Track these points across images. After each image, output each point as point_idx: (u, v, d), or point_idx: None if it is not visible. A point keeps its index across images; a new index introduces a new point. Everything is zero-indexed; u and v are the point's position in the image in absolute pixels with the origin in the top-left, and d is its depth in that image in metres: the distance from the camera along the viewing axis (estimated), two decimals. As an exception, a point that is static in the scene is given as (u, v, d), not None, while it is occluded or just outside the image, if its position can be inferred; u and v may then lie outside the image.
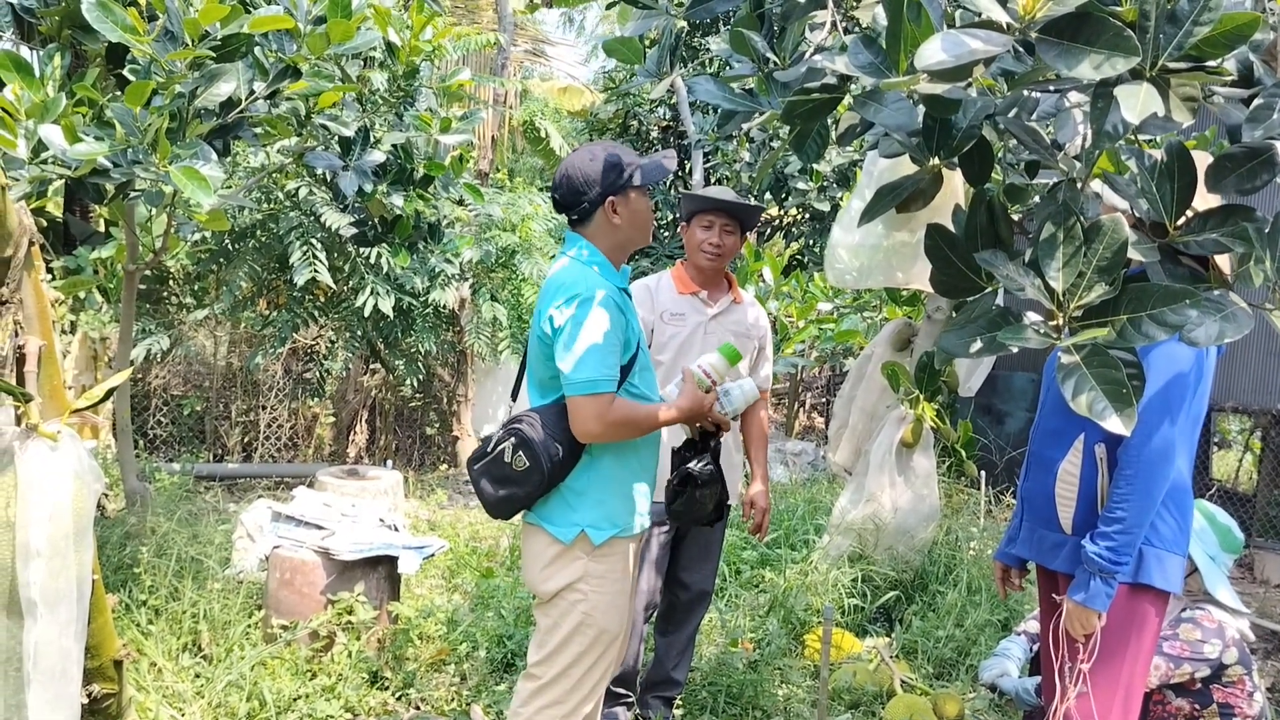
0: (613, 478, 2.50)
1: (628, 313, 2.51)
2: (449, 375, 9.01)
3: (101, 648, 2.61)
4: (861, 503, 5.04)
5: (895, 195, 2.22)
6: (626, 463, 2.53)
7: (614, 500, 2.50)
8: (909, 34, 1.64)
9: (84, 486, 2.35)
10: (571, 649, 2.48)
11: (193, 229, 5.46)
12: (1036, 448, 2.64)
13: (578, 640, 2.47)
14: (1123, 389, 1.53)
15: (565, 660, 2.48)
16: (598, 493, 2.48)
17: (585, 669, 2.49)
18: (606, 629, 2.50)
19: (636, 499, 2.56)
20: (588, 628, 2.47)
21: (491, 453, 2.46)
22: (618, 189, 2.50)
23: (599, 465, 2.48)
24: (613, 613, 2.51)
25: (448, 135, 4.98)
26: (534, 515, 2.52)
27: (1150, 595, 2.44)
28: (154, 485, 5.48)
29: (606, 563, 2.50)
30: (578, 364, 2.34)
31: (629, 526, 2.54)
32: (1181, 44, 1.45)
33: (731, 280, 3.56)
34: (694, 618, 3.56)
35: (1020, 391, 9.03)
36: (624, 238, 2.56)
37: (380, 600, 3.83)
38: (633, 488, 2.55)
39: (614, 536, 2.50)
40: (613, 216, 2.51)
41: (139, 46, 2.98)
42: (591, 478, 2.48)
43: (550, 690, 2.49)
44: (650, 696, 3.54)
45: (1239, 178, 1.66)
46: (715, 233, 3.36)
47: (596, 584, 2.48)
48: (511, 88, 11.35)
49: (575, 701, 2.50)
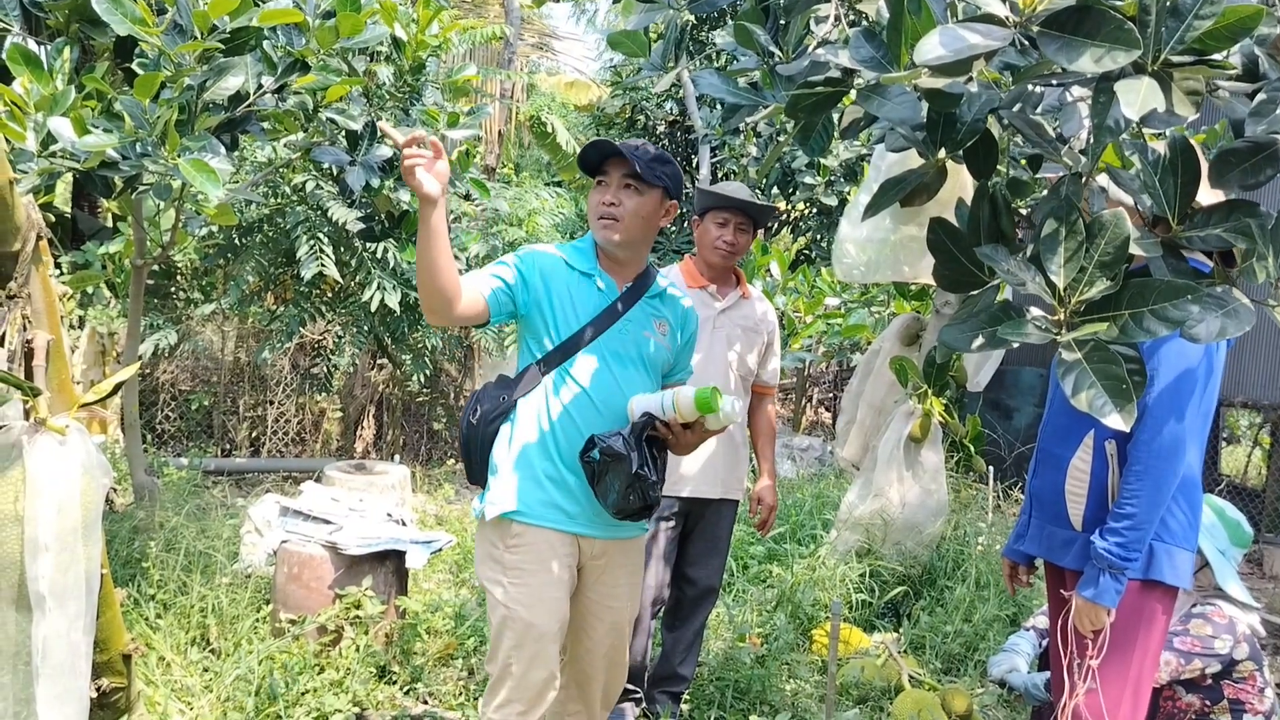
0: (521, 457, 2.43)
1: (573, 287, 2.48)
2: (456, 370, 9.02)
3: (110, 642, 2.63)
4: (869, 498, 5.04)
5: (899, 189, 2.21)
6: (545, 446, 2.42)
7: (524, 483, 2.41)
8: (910, 27, 1.64)
9: (92, 481, 2.35)
10: (503, 646, 2.40)
11: (200, 223, 5.47)
12: (1046, 444, 2.63)
13: (506, 637, 2.40)
14: (1123, 385, 1.53)
15: (501, 658, 2.41)
16: (509, 469, 2.42)
17: (524, 667, 2.38)
18: (532, 624, 2.38)
19: (551, 487, 2.42)
20: (512, 622, 2.38)
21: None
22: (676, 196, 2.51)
23: (517, 443, 2.44)
24: (538, 608, 2.39)
25: (454, 130, 4.98)
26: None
27: (1159, 591, 2.43)
28: (162, 480, 5.51)
29: (520, 554, 2.40)
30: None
31: (533, 514, 2.40)
32: (1184, 37, 1.44)
33: (740, 275, 3.56)
34: (700, 613, 3.55)
35: (1028, 386, 9.00)
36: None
37: (388, 595, 3.84)
38: (546, 473, 2.42)
39: (511, 520, 2.40)
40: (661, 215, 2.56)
41: (148, 39, 3.00)
42: (505, 454, 2.44)
43: (499, 689, 2.42)
44: (657, 692, 3.54)
45: (1242, 173, 1.66)
46: (730, 230, 3.36)
47: (514, 575, 2.39)
48: (518, 82, 11.36)
49: (526, 700, 2.40)
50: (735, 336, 3.45)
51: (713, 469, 3.40)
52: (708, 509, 3.44)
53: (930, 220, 1.91)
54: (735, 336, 3.45)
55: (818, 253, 10.35)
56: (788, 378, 11.30)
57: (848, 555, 4.84)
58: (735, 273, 3.55)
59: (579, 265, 2.51)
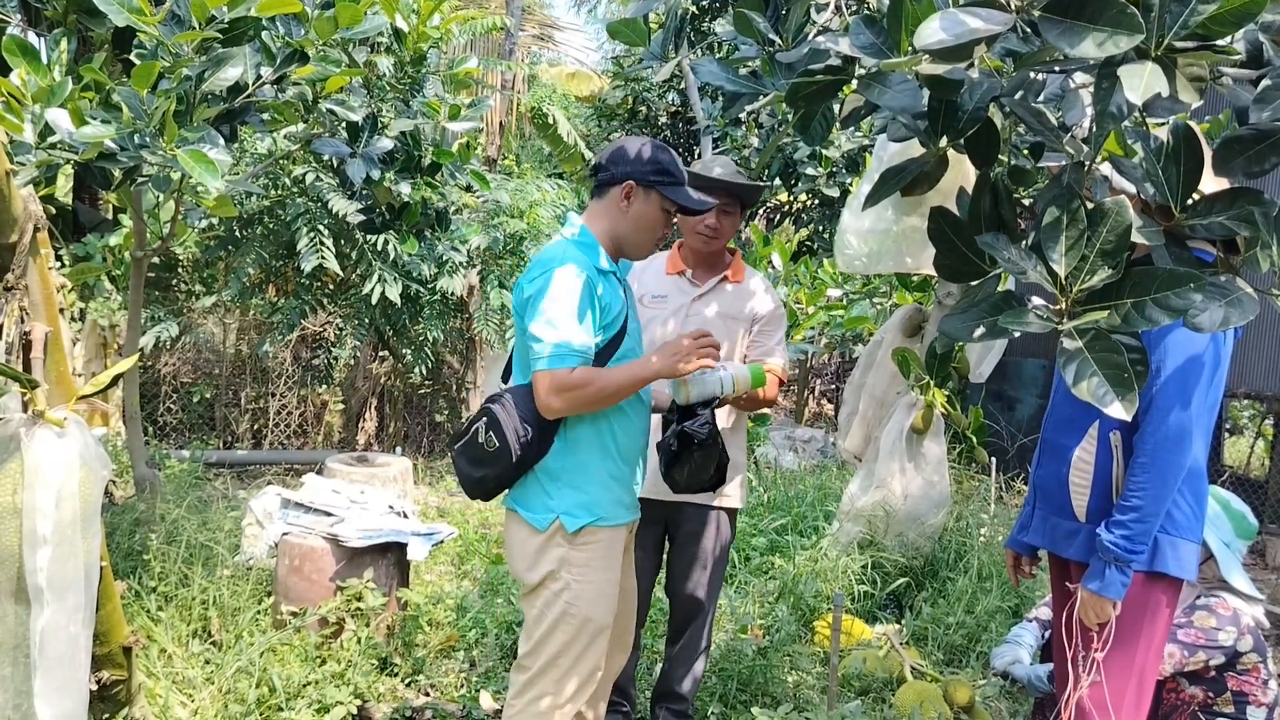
0: (589, 463, 2.44)
1: (610, 294, 2.44)
2: (458, 362, 9.02)
3: (110, 634, 2.62)
4: (872, 489, 5.03)
5: (900, 178, 2.20)
6: (605, 447, 2.46)
7: (592, 486, 2.44)
8: (910, 13, 1.62)
9: (91, 473, 2.35)
10: (556, 639, 2.43)
11: (200, 215, 5.47)
12: (1050, 435, 2.61)
13: (562, 630, 2.42)
14: (1125, 374, 1.51)
15: (551, 651, 2.43)
16: (573, 477, 2.42)
17: (573, 659, 2.44)
18: (591, 618, 2.43)
19: (616, 487, 2.49)
20: (571, 618, 2.42)
21: (468, 432, 2.44)
22: (646, 182, 2.46)
23: (575, 449, 2.42)
24: (599, 602, 2.45)
25: (455, 122, 4.97)
26: (511, 500, 2.49)
27: (1164, 583, 2.42)
28: (163, 472, 5.51)
29: (588, 551, 2.44)
30: (543, 338, 2.30)
31: (609, 516, 2.47)
32: (1187, 22, 1.42)
33: (736, 256, 3.36)
34: (689, 628, 3.32)
35: (1031, 378, 8.99)
36: (623, 231, 2.50)
37: (389, 587, 3.84)
38: (611, 474, 2.48)
39: (591, 525, 2.44)
40: (622, 201, 2.47)
41: (146, 29, 2.98)
42: (566, 461, 2.42)
43: (539, 682, 2.45)
44: (660, 707, 3.38)
45: (1246, 160, 1.64)
46: (712, 214, 3.12)
47: (579, 572, 2.42)
48: (519, 73, 11.32)
49: (567, 693, 2.44)
50: (711, 324, 3.20)
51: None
52: (690, 516, 3.24)
53: (931, 210, 1.89)
54: (711, 324, 3.20)
55: (819, 244, 10.33)
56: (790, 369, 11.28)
57: (850, 547, 4.83)
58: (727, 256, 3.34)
59: (604, 265, 2.49)
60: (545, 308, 2.31)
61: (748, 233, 9.99)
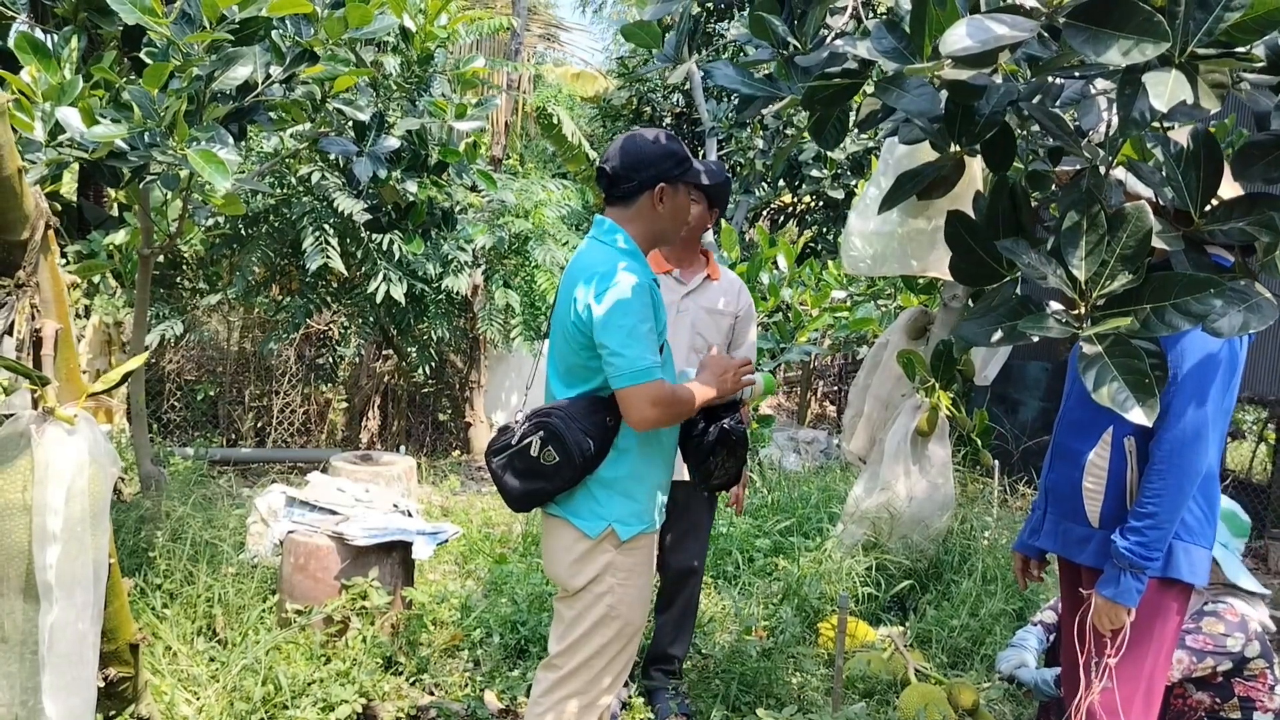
0: (639, 472, 2.47)
1: (657, 302, 2.46)
2: (462, 362, 9.01)
3: (118, 631, 2.62)
4: (876, 491, 5.02)
5: (917, 182, 2.20)
6: (652, 456, 2.50)
7: (641, 494, 2.48)
8: (934, 18, 1.62)
9: (100, 470, 2.35)
10: (595, 641, 2.46)
11: (207, 213, 5.47)
12: (1062, 439, 2.61)
13: (602, 632, 2.46)
14: (1145, 379, 1.51)
15: (588, 651, 2.47)
16: (625, 485, 2.45)
17: (607, 660, 2.48)
18: (631, 621, 2.49)
19: (659, 494, 2.54)
20: (613, 620, 2.46)
21: (517, 445, 2.40)
22: (673, 178, 2.47)
23: (627, 458, 2.44)
24: (638, 606, 2.51)
25: (462, 122, 4.97)
26: (559, 508, 2.48)
27: (1176, 589, 2.41)
28: (168, 470, 5.51)
29: (634, 556, 2.48)
30: (625, 352, 2.28)
31: (654, 522, 2.53)
32: (1212, 29, 1.42)
33: (708, 256, 3.53)
34: (682, 594, 3.60)
35: (1034, 381, 8.98)
36: (660, 229, 2.52)
37: (394, 585, 3.84)
38: (657, 481, 2.53)
39: (642, 532, 2.48)
40: (658, 204, 2.47)
41: (157, 29, 2.98)
42: (619, 471, 2.44)
43: (572, 681, 2.48)
44: (653, 669, 3.64)
45: (1266, 166, 1.64)
46: (702, 208, 3.30)
47: (624, 577, 2.46)
48: (525, 73, 11.31)
49: (596, 692, 2.49)
50: (700, 319, 3.45)
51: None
52: (685, 493, 3.40)
53: (948, 213, 1.89)
54: (700, 319, 3.45)
55: (824, 245, 10.33)
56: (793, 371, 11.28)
57: (854, 549, 4.83)
58: (704, 254, 3.52)
59: (650, 274, 2.49)
60: (622, 322, 2.29)
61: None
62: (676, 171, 2.47)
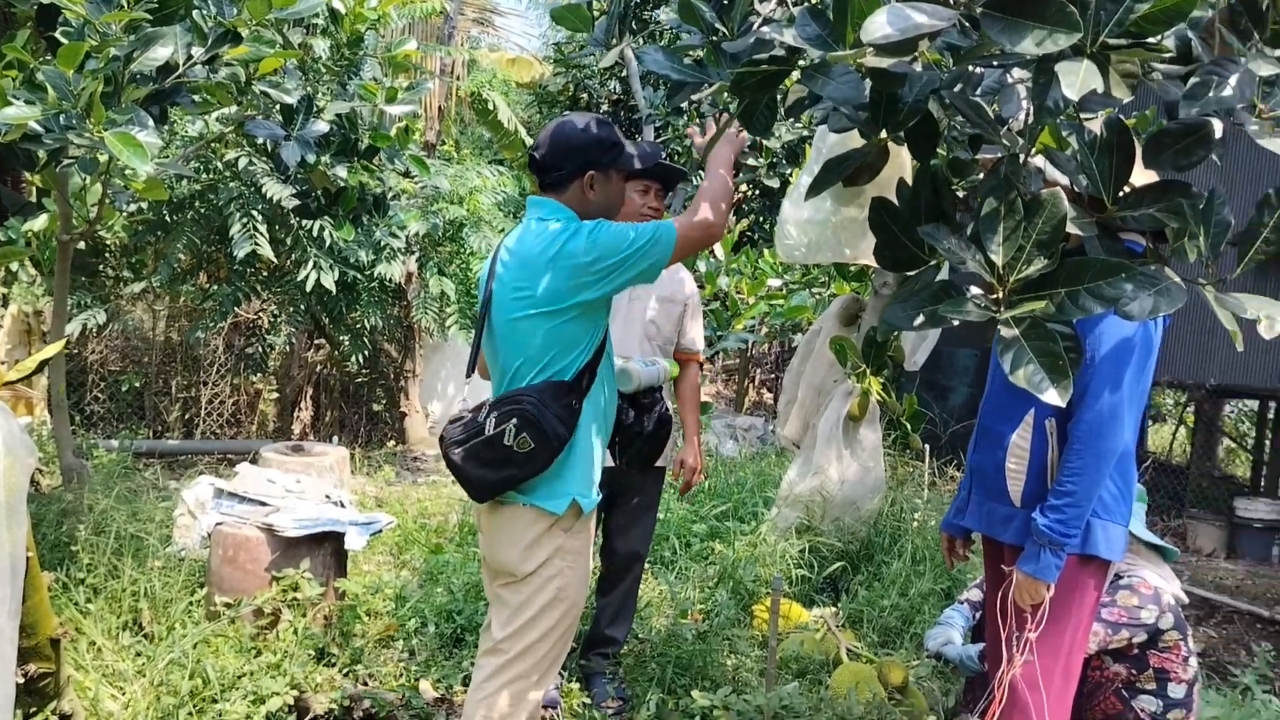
0: (591, 446, 2.48)
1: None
2: (396, 351, 8.92)
3: (37, 626, 2.56)
4: (809, 475, 5.10)
5: (842, 168, 2.22)
6: (600, 427, 2.51)
7: (593, 465, 2.50)
8: (856, 6, 1.64)
9: (16, 461, 2.28)
10: (542, 624, 2.46)
11: (129, 199, 5.33)
12: (986, 421, 2.67)
13: (549, 615, 2.46)
14: (1059, 361, 1.55)
15: (535, 635, 2.46)
16: (581, 460, 2.46)
17: (553, 642, 2.49)
18: (576, 603, 2.50)
19: (598, 470, 2.54)
20: (560, 602, 2.46)
21: (487, 434, 2.35)
22: (601, 165, 2.46)
23: (583, 432, 2.44)
24: (581, 587, 2.52)
25: (393, 106, 4.90)
26: (518, 494, 2.44)
27: (1094, 565, 2.49)
28: (92, 462, 5.37)
29: (580, 538, 2.49)
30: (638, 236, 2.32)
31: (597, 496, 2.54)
32: (1122, 20, 1.46)
33: None
34: (626, 579, 3.61)
35: (963, 367, 9.19)
36: (593, 214, 2.48)
37: (326, 577, 3.79)
38: (601, 451, 2.55)
39: (594, 508, 2.51)
40: (588, 191, 2.46)
41: (72, 7, 2.89)
42: (577, 438, 2.43)
43: (517, 664, 2.47)
44: (591, 653, 3.62)
45: (1176, 154, 1.69)
46: (652, 196, 3.31)
47: (571, 559, 2.47)
48: (459, 58, 11.18)
49: (540, 675, 2.49)
50: (651, 306, 3.48)
51: None
52: (629, 478, 3.42)
53: (872, 200, 1.92)
54: (651, 306, 3.48)
55: (760, 234, 10.40)
56: (731, 358, 11.36)
57: (788, 532, 4.89)
58: None
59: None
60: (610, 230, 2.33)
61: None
62: (606, 159, 2.46)
